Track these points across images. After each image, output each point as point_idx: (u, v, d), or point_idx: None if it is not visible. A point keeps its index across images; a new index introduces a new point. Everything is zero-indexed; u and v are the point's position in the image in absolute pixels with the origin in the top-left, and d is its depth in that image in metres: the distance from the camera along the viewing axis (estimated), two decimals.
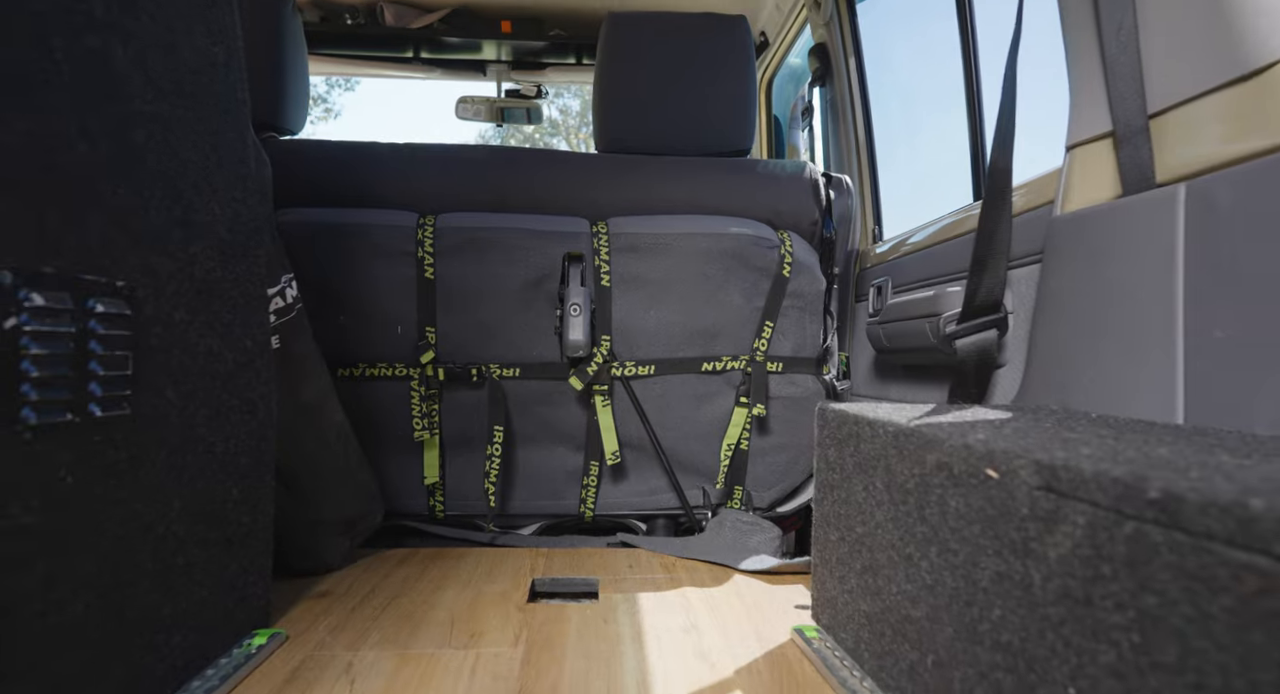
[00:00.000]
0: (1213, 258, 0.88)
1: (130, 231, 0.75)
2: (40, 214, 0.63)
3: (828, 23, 2.09)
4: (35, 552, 0.62)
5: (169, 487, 0.82)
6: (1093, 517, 0.53)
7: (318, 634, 1.07)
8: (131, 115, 0.75)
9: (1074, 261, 1.10)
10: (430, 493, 1.66)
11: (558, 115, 19.09)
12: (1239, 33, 0.85)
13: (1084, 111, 1.10)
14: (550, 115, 18.43)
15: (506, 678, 0.93)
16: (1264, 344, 0.80)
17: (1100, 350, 1.04)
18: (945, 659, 0.72)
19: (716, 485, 1.72)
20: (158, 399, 0.80)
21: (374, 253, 1.58)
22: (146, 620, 0.78)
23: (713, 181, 1.72)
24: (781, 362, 1.71)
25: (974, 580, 0.67)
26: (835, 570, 1.01)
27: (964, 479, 0.69)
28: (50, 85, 0.64)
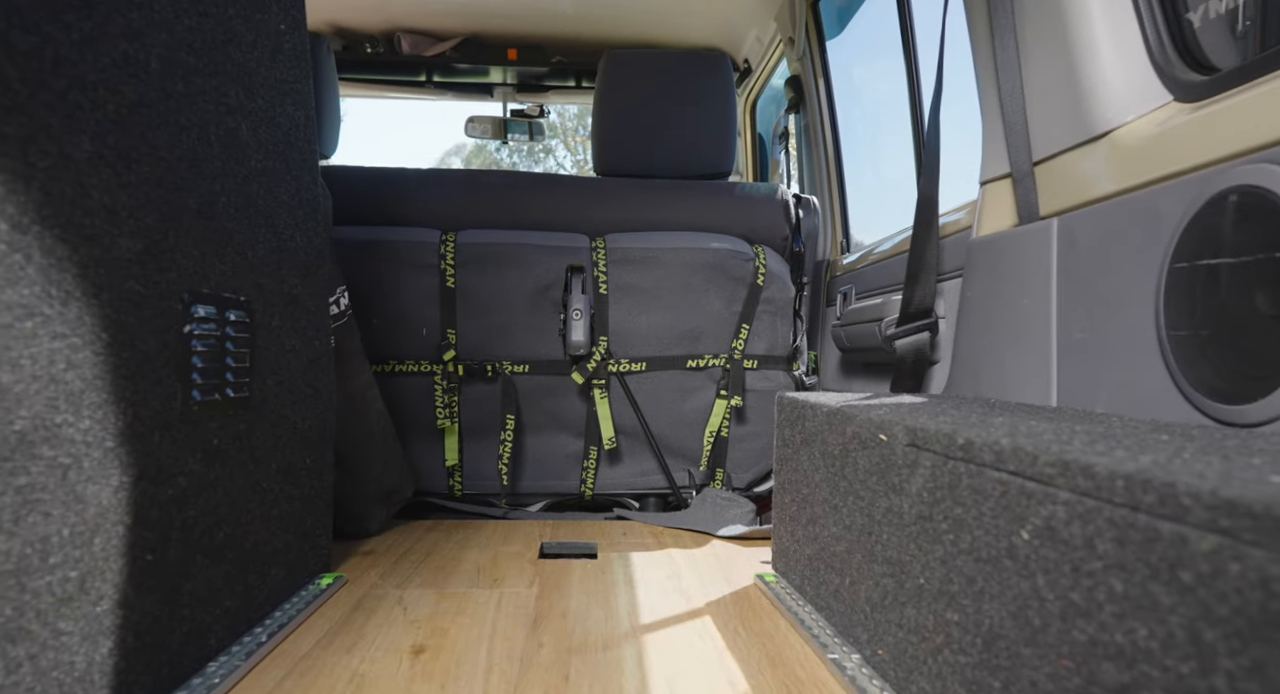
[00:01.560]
0: (1074, 277, 1.13)
1: (247, 259, 1.00)
2: (202, 252, 0.88)
3: (801, 57, 2.35)
4: (197, 491, 0.87)
5: (268, 453, 1.07)
6: (933, 461, 0.78)
7: (370, 578, 1.32)
8: (249, 173, 1.00)
9: (985, 276, 1.35)
10: (450, 474, 1.91)
11: (555, 119, 19.33)
12: (1089, 103, 1.10)
13: (990, 155, 1.35)
14: (549, 118, 18.67)
15: (525, 607, 1.18)
16: (1105, 343, 1.06)
17: (1001, 348, 1.29)
18: (856, 577, 0.98)
19: (700, 468, 1.97)
20: (262, 386, 1.05)
21: (402, 265, 1.83)
22: (258, 552, 1.03)
23: (697, 202, 1.98)
24: (756, 359, 1.96)
25: (872, 516, 0.93)
26: (789, 526, 1.27)
27: (868, 443, 0.95)
28: (209, 160, 0.89)
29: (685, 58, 2.10)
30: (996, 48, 1.28)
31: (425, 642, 1.03)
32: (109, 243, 0.71)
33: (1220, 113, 0.91)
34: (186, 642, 0.85)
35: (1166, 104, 1.04)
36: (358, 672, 0.93)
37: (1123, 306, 1.02)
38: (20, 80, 0.60)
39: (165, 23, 0.80)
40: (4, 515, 0.58)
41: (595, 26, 2.76)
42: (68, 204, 0.65)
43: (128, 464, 0.73)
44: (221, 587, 0.93)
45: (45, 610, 0.62)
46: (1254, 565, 0.41)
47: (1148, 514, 0.49)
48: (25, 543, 0.60)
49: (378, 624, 1.10)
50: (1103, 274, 1.07)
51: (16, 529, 0.59)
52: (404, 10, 2.70)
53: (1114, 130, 1.08)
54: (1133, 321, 1.00)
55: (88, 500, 0.68)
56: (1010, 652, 0.63)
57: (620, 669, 0.96)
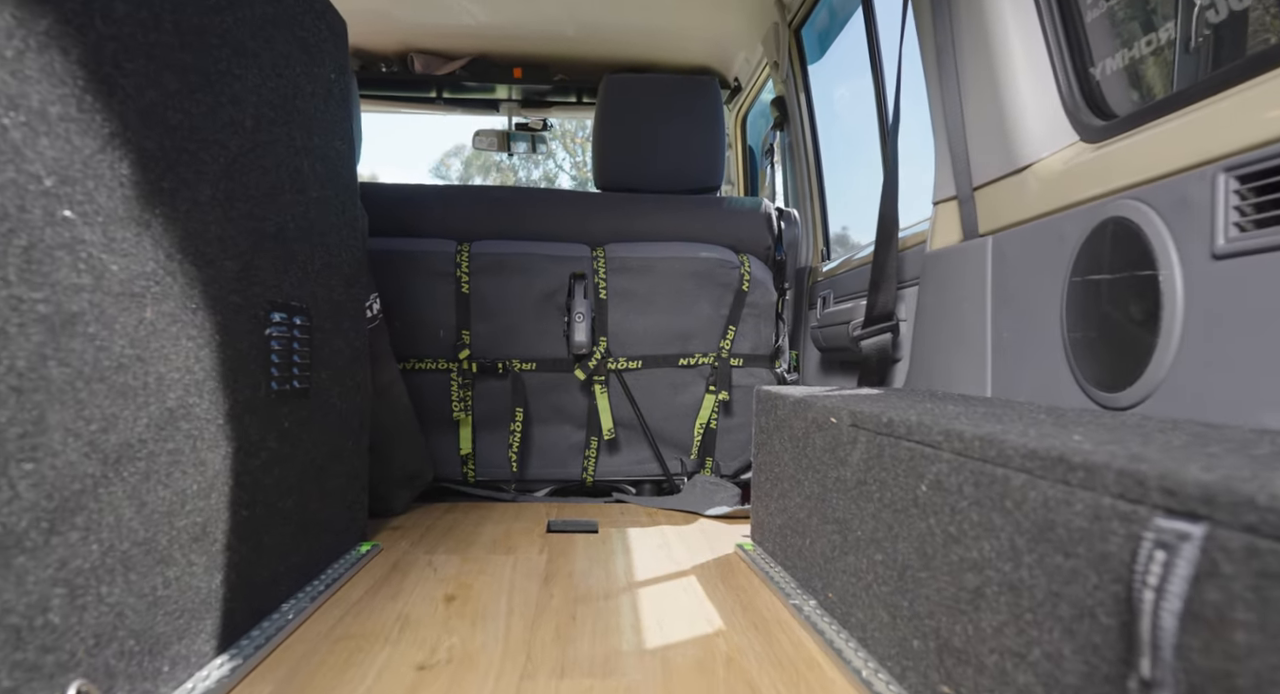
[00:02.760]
0: (1004, 287, 1.33)
1: (306, 273, 1.20)
2: (276, 269, 1.08)
3: (785, 80, 2.55)
4: (274, 465, 1.07)
5: (321, 436, 1.27)
6: (868, 437, 0.98)
7: (402, 547, 1.52)
8: (309, 202, 1.20)
9: (936, 285, 1.56)
10: (464, 461, 2.11)
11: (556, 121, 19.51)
12: (1014, 140, 1.31)
13: (941, 178, 1.56)
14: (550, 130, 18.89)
15: (537, 569, 1.39)
16: (1026, 343, 1.26)
17: (949, 348, 1.49)
18: (813, 537, 1.18)
19: (691, 456, 2.17)
20: (317, 379, 1.25)
21: (422, 273, 2.03)
22: (314, 519, 1.23)
23: (688, 215, 2.18)
24: (742, 358, 2.16)
25: (824, 485, 1.13)
26: (764, 502, 1.47)
27: (822, 425, 1.15)
28: (282, 194, 1.09)
29: (678, 82, 2.30)
30: (943, 86, 1.48)
31: (455, 592, 1.23)
32: (220, 265, 0.91)
33: (1111, 153, 1.11)
34: (267, 584, 1.05)
35: (1074, 143, 1.24)
36: (402, 613, 1.13)
37: (1038, 313, 1.23)
38: (173, 147, 0.80)
39: (256, 87, 1.00)
40: (160, 470, 0.78)
41: (595, 47, 2.97)
42: (196, 237, 0.85)
43: (230, 438, 0.94)
44: (289, 544, 1.13)
45: (185, 545, 0.82)
46: (1042, 492, 0.61)
47: (990, 463, 0.69)
48: (173, 492, 0.80)
49: (413, 580, 1.30)
50: (1024, 285, 1.28)
51: (168, 481, 0.79)
52: (417, 33, 2.90)
53: (1033, 164, 1.29)
54: (1045, 325, 1.21)
55: (208, 464, 0.88)
56: (914, 578, 0.84)
57: (618, 613, 1.16)
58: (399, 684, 0.89)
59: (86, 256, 0.67)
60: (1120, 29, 1.22)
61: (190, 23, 0.84)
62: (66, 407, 0.64)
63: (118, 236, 0.71)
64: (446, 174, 22.89)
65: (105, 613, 0.69)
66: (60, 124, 0.64)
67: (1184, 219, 0.92)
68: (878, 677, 0.90)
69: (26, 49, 0.60)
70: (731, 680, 0.92)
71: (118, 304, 0.71)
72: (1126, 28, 1.21)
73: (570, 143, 20.02)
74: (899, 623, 0.87)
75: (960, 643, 0.73)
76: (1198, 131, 0.92)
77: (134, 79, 0.74)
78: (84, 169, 0.67)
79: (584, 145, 20.38)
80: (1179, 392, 0.93)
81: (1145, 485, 0.50)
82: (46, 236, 0.62)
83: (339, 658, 0.96)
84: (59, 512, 0.63)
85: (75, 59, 0.66)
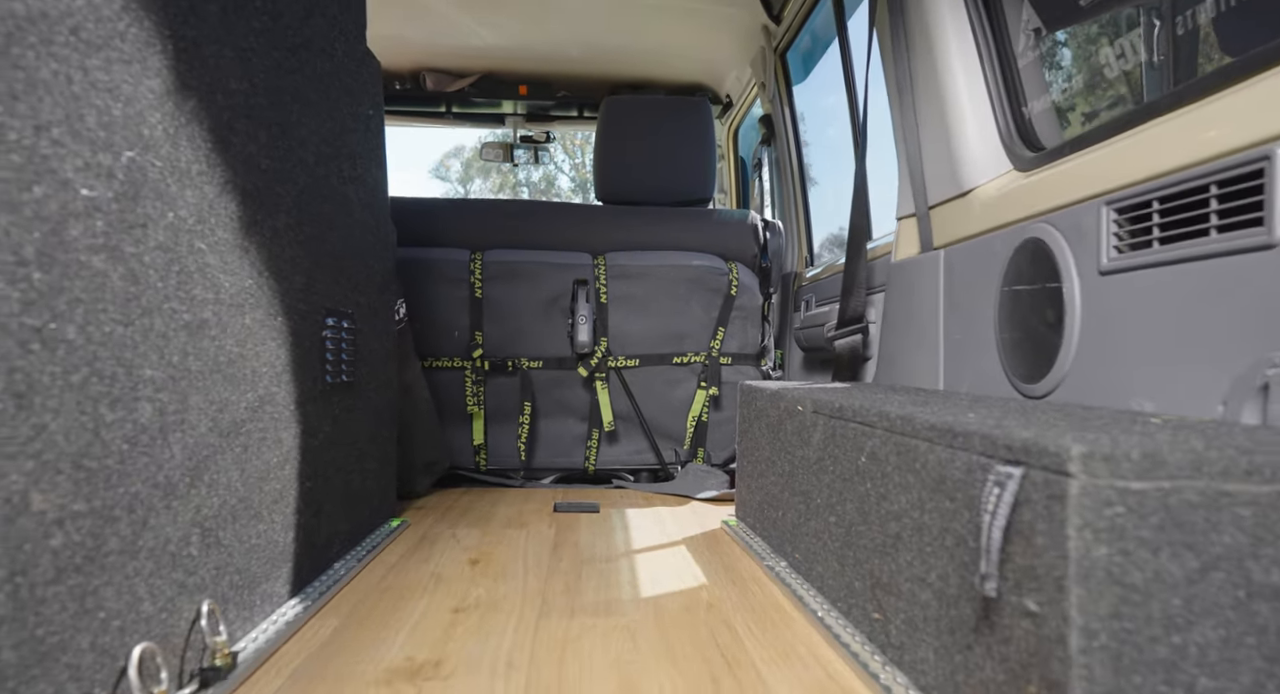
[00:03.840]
0: (953, 294, 1.54)
1: (351, 282, 1.40)
2: (329, 280, 1.28)
3: (772, 100, 2.75)
4: (328, 446, 1.27)
5: (361, 424, 1.47)
6: (825, 421, 1.18)
7: (427, 522, 1.72)
8: (353, 222, 1.40)
9: (899, 292, 1.76)
10: (477, 451, 2.31)
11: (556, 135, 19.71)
12: (960, 166, 1.51)
13: (903, 196, 1.76)
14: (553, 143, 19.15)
15: (547, 540, 1.59)
16: (969, 343, 1.46)
17: (909, 348, 1.70)
18: (784, 509, 1.38)
19: (684, 447, 2.38)
20: (358, 374, 1.45)
21: (439, 279, 2.24)
22: (356, 495, 1.43)
23: (681, 226, 2.39)
24: (731, 356, 2.36)
25: (794, 462, 1.33)
26: (747, 483, 1.67)
27: (792, 413, 1.35)
28: (334, 217, 1.29)
29: (672, 104, 2.51)
30: (904, 117, 1.69)
31: (478, 557, 1.43)
32: (291, 279, 1.11)
33: (1035, 183, 1.31)
34: (324, 545, 1.25)
35: (1008, 171, 1.44)
36: (435, 572, 1.33)
37: (979, 317, 1.43)
38: (262, 187, 1.00)
39: (315, 130, 1.20)
40: (254, 444, 0.98)
41: (596, 66, 3.17)
42: (276, 257, 1.05)
43: (298, 421, 1.14)
44: (340, 514, 1.33)
45: (269, 506, 1.03)
46: (938, 454, 0.82)
47: (907, 436, 0.89)
48: (263, 463, 1.00)
49: (440, 548, 1.50)
50: (968, 293, 1.48)
51: (259, 454, 1.00)
52: (429, 53, 3.10)
53: (975, 188, 1.49)
54: (984, 328, 1.41)
55: (283, 442, 1.08)
56: (856, 531, 1.04)
57: (618, 572, 1.36)
58: (439, 621, 1.09)
59: (211, 277, 0.87)
60: (1044, 73, 1.42)
61: (273, 85, 1.04)
62: (199, 392, 0.84)
63: (228, 260, 0.91)
64: (446, 175, 23.05)
65: (221, 552, 0.89)
66: (196, 177, 0.84)
67: (1080, 241, 1.13)
68: (830, 615, 1.10)
69: (180, 125, 0.80)
70: (712, 621, 1.12)
71: (229, 312, 0.91)
72: (1050, 73, 1.41)
73: (570, 144, 20.23)
74: (845, 569, 1.07)
75: (886, 577, 0.94)
76: (1090, 170, 1.13)
77: (240, 136, 0.94)
78: (210, 209, 0.87)
79: (583, 147, 20.59)
80: (1079, 382, 1.14)
81: (994, 444, 0.71)
82: (189, 263, 0.82)
83: (387, 603, 1.17)
84: (195, 471, 0.83)
85: (206, 125, 0.86)
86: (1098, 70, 1.24)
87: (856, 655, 0.95)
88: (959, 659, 0.76)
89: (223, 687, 0.84)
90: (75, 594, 0.64)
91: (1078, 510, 0.59)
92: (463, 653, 0.98)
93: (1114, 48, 1.21)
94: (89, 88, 0.65)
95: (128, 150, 0.71)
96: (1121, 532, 0.59)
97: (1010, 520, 0.66)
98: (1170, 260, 0.96)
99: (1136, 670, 0.58)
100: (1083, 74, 1.19)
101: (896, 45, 1.68)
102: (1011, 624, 0.67)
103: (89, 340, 0.65)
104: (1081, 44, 1.22)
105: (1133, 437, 0.65)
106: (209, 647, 0.84)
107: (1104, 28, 1.24)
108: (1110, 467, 0.59)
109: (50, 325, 0.60)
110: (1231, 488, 0.59)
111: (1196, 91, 0.96)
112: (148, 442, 0.74)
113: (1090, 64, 1.19)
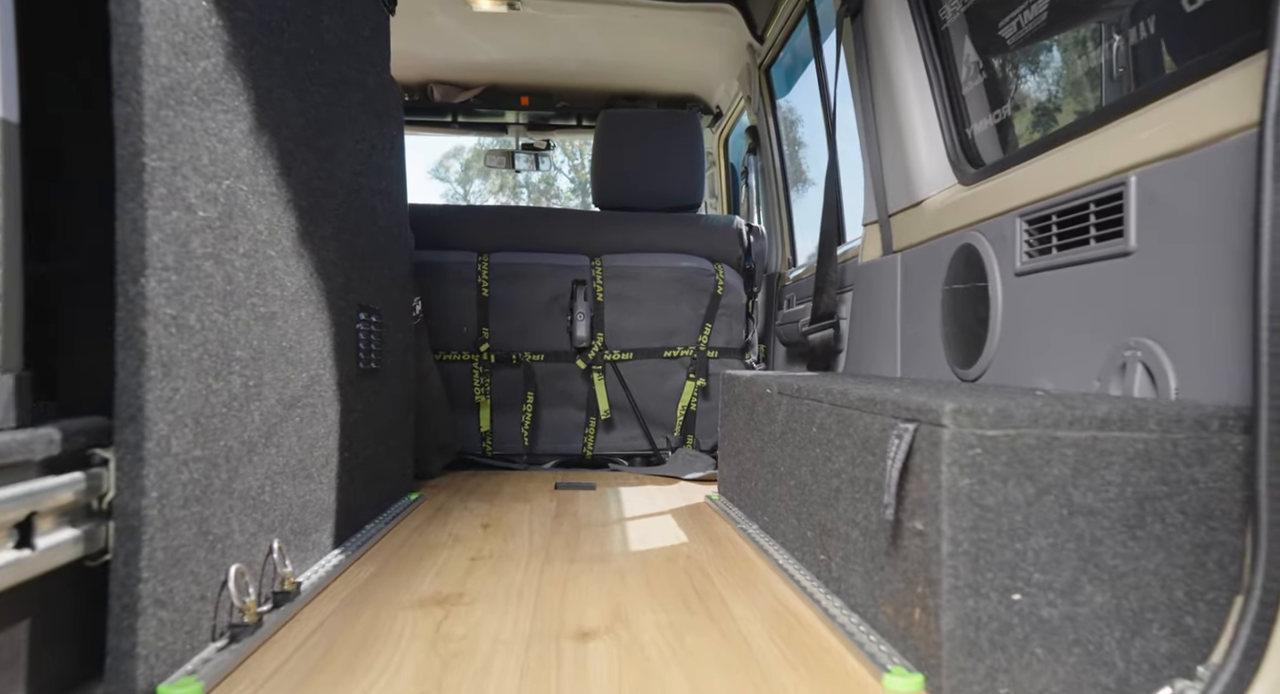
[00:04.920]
0: (909, 293, 1.74)
1: (377, 282, 1.61)
2: (361, 281, 1.48)
3: (757, 112, 2.96)
4: (360, 424, 1.47)
5: (385, 407, 1.67)
6: (788, 401, 1.39)
7: (441, 497, 1.93)
8: (379, 229, 1.60)
9: (865, 291, 1.96)
10: (484, 437, 2.52)
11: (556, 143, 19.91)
12: (913, 180, 1.71)
13: (868, 205, 1.96)
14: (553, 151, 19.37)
15: (549, 510, 1.79)
16: (921, 335, 1.67)
17: (873, 341, 1.90)
18: (755, 480, 1.58)
19: (674, 433, 2.58)
20: (384, 364, 1.65)
21: (449, 280, 2.44)
22: (380, 469, 1.63)
23: (671, 231, 2.59)
24: (717, 351, 2.57)
25: (764, 438, 1.53)
26: (727, 461, 1.87)
27: (763, 396, 1.55)
28: (366, 226, 1.50)
29: (664, 116, 2.72)
30: (867, 134, 1.89)
31: (489, 523, 1.64)
32: (333, 279, 1.32)
33: (972, 196, 1.52)
34: (357, 508, 1.45)
35: (953, 185, 1.65)
36: (452, 533, 1.54)
37: (928, 313, 1.63)
38: (313, 203, 1.21)
39: (351, 152, 1.41)
40: (308, 416, 1.18)
41: (594, 79, 3.38)
42: (322, 260, 1.26)
43: (338, 400, 1.34)
44: (369, 483, 1.53)
45: (317, 469, 1.23)
46: (865, 420, 1.02)
47: (844, 407, 1.10)
48: (314, 432, 1.21)
49: (456, 516, 1.70)
50: (921, 292, 1.68)
51: (311, 425, 1.20)
52: (437, 67, 3.31)
53: (926, 199, 1.69)
54: (932, 322, 1.61)
55: (328, 416, 1.28)
56: (808, 490, 1.24)
57: (611, 534, 1.56)
58: (459, 567, 1.30)
59: (278, 278, 1.07)
60: (985, 99, 1.63)
61: (321, 117, 1.25)
62: (271, 370, 1.05)
63: (289, 263, 1.12)
64: (445, 175, 23.20)
65: (284, 503, 1.10)
66: (269, 198, 1.04)
67: (1002, 247, 1.33)
68: (788, 562, 1.30)
69: (259, 156, 1.00)
70: (689, 567, 1.33)
71: (290, 306, 1.12)
72: (988, 99, 1.61)
73: (570, 146, 20.44)
74: (800, 524, 1.28)
75: (829, 524, 1.14)
76: (1010, 187, 1.33)
77: (298, 162, 1.14)
78: (277, 222, 1.07)
79: (582, 148, 20.80)
80: (1001, 367, 1.34)
81: (900, 408, 0.91)
82: (264, 267, 1.02)
83: (414, 556, 1.37)
84: (268, 434, 1.04)
85: (275, 155, 1.06)
86: (1020, 102, 1.44)
87: (804, 587, 1.15)
88: (876, 578, 0.96)
89: (290, 607, 1.04)
90: (195, 519, 0.84)
91: (948, 451, 0.80)
92: (481, 588, 1.18)
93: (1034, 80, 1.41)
94: (204, 134, 0.86)
95: (226, 179, 0.91)
96: (979, 467, 0.79)
97: (906, 463, 0.86)
98: (1064, 264, 1.16)
99: (989, 568, 0.79)
100: (1008, 104, 1.39)
101: (860, 71, 1.89)
102: (908, 543, 0.87)
103: (202, 326, 0.86)
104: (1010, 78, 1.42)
105: (1000, 400, 0.86)
106: (279, 575, 1.05)
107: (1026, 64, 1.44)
108: (972, 419, 0.80)
109: (181, 314, 0.81)
110: (1059, 434, 0.79)
111: (1081, 128, 1.17)
112: (238, 407, 0.95)
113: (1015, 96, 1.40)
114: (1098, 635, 0.79)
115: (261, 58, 1.02)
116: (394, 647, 0.95)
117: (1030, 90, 1.43)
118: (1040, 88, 1.41)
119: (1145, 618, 0.79)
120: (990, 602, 0.79)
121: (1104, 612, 0.79)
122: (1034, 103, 1.41)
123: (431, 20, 2.82)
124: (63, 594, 0.73)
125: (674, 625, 1.04)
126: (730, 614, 1.09)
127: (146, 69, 0.75)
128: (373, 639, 0.97)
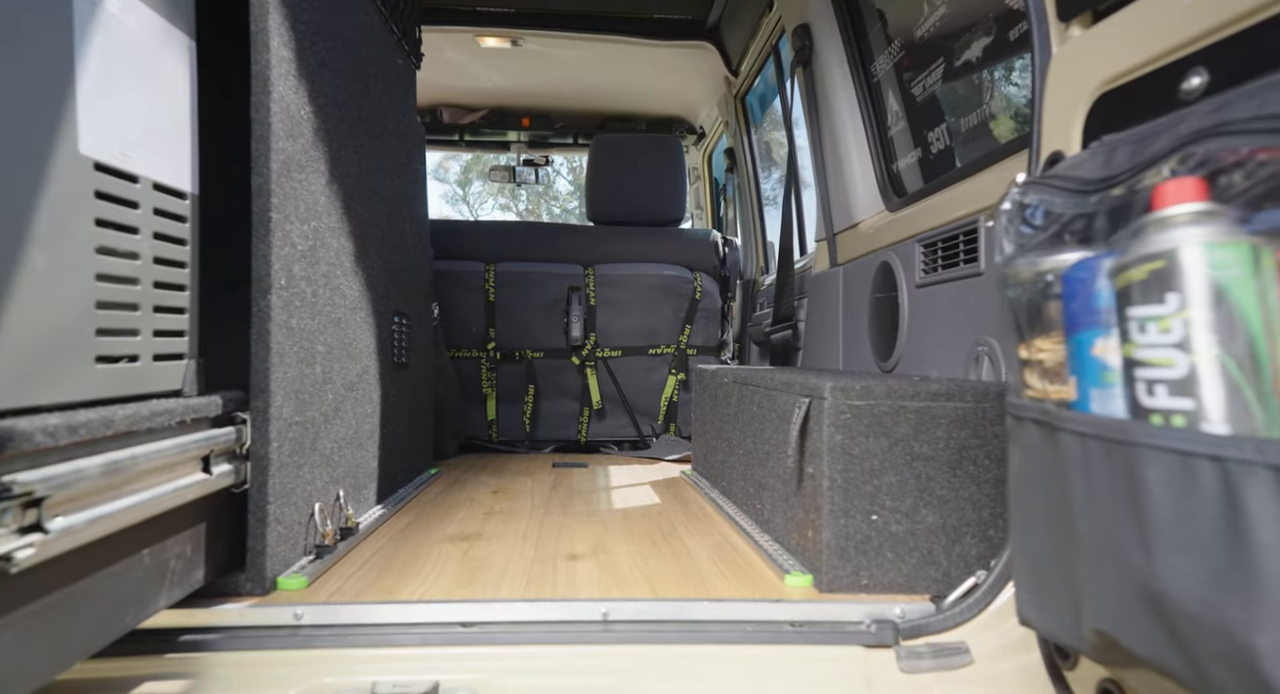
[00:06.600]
0: (849, 301, 2.08)
1: (406, 291, 1.95)
2: (395, 289, 1.82)
3: (734, 136, 3.30)
4: (395, 409, 1.81)
5: (413, 395, 2.01)
6: (739, 388, 1.73)
7: (456, 472, 2.27)
8: (408, 246, 1.95)
9: (817, 298, 2.30)
10: (489, 426, 2.86)
11: None
12: (850, 205, 2.05)
13: (819, 224, 2.30)
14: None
15: (548, 482, 2.13)
16: (853, 337, 2.01)
17: (822, 340, 2.24)
18: (718, 455, 1.92)
19: (659, 422, 2.92)
20: (410, 360, 1.99)
21: (461, 287, 2.78)
22: (409, 446, 1.97)
23: (656, 243, 2.93)
24: (696, 348, 2.91)
25: (723, 421, 1.87)
26: (699, 442, 2.21)
27: (723, 385, 1.89)
28: (397, 243, 1.83)
29: (650, 142, 3.06)
30: (816, 163, 2.23)
31: (498, 489, 1.98)
32: (377, 289, 1.65)
33: (893, 221, 1.86)
34: (393, 476, 1.80)
35: (881, 211, 1.99)
36: (468, 496, 1.88)
37: (861, 317, 1.97)
38: (364, 232, 1.55)
39: (390, 187, 1.75)
40: (361, 399, 1.52)
41: (589, 102, 3.72)
42: (370, 274, 1.60)
43: (379, 387, 1.68)
44: (400, 456, 1.87)
45: (364, 441, 1.57)
46: (783, 399, 1.36)
47: (771, 390, 1.44)
48: (364, 411, 1.55)
49: (470, 485, 2.05)
50: (857, 300, 2.02)
51: (362, 405, 1.54)
52: (445, 92, 3.65)
53: (860, 222, 2.04)
54: (863, 324, 1.96)
55: (372, 400, 1.62)
56: (750, 455, 1.58)
57: (599, 499, 1.91)
58: (477, 518, 1.64)
59: (342, 290, 1.41)
60: (906, 140, 1.97)
61: (369, 163, 1.59)
62: (337, 362, 1.39)
63: (349, 279, 1.46)
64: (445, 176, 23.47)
65: (346, 462, 1.44)
66: (336, 229, 1.38)
67: (908, 265, 1.67)
68: (737, 515, 1.64)
69: (330, 199, 1.34)
70: (659, 520, 1.67)
71: (350, 312, 1.46)
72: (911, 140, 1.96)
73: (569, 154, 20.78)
74: (745, 482, 1.62)
75: (762, 479, 1.48)
76: (913, 218, 1.67)
77: (355, 202, 1.48)
78: (341, 248, 1.41)
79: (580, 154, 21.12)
80: (907, 360, 1.69)
81: (802, 388, 1.25)
82: (334, 282, 1.36)
83: (440, 510, 1.71)
84: (336, 410, 1.38)
85: (340, 197, 1.40)
86: (927, 146, 1.78)
87: (744, 529, 1.49)
88: (788, 514, 1.31)
89: (352, 540, 1.38)
90: (296, 466, 1.18)
91: (828, 415, 1.14)
92: (494, 530, 1.52)
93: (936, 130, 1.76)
94: (301, 191, 1.20)
95: (312, 221, 1.25)
96: (849, 427, 1.13)
97: (802, 426, 1.20)
98: (945, 280, 1.51)
99: (855, 498, 1.13)
100: (918, 148, 1.74)
101: (810, 112, 2.23)
102: (805, 483, 1.21)
103: (300, 328, 1.20)
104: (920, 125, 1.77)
105: (868, 381, 1.20)
106: (343, 515, 1.39)
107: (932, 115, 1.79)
108: (844, 394, 1.14)
109: (288, 320, 1.15)
110: (904, 404, 1.13)
111: (957, 175, 1.51)
112: (318, 388, 1.29)
113: (924, 140, 1.75)
114: (929, 543, 1.13)
115: (333, 127, 1.36)
116: (434, 563, 1.29)
117: (933, 137, 1.78)
118: (939, 136, 1.75)
119: (961, 531, 1.13)
120: (856, 521, 1.13)
121: (934, 527, 1.13)
122: (937, 147, 1.75)
123: (443, 54, 3.16)
124: (221, 509, 1.07)
125: (642, 554, 1.38)
126: (686, 548, 1.43)
127: (273, 151, 1.09)
128: (417, 559, 1.32)
